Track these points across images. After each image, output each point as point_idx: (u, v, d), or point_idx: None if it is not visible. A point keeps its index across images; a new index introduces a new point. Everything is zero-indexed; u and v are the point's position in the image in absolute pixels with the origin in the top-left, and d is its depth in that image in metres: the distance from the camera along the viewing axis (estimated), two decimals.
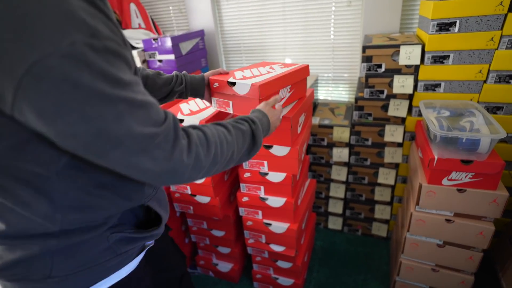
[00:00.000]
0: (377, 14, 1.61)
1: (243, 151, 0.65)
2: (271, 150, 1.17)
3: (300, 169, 1.31)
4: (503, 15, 1.09)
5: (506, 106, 1.23)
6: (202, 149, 0.53)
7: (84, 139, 0.41)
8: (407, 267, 1.32)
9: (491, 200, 1.07)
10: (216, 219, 1.42)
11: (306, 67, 1.14)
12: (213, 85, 1.01)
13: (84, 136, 0.41)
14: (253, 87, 0.92)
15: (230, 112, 1.05)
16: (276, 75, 1.01)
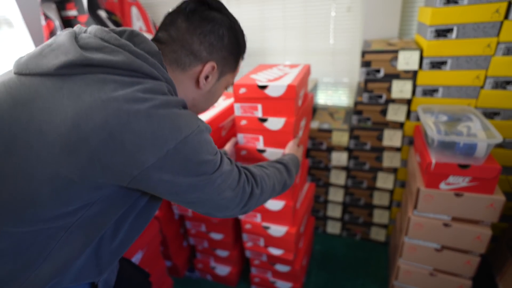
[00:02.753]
0: (377, 20, 1.63)
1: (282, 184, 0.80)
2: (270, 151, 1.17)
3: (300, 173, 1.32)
4: (499, 22, 1.11)
5: (503, 112, 1.24)
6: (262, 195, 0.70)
7: None
8: (405, 271, 1.32)
9: (488, 204, 1.08)
10: (215, 222, 1.42)
11: (309, 67, 1.19)
12: (239, 91, 1.06)
13: None
14: (289, 88, 0.99)
15: (259, 115, 1.06)
16: (295, 75, 1.08)
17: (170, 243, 1.55)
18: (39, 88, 0.47)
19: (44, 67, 0.48)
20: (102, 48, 0.50)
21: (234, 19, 0.66)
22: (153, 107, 0.48)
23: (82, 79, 0.47)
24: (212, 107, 1.18)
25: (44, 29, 1.89)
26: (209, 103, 0.72)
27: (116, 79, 0.48)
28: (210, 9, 0.62)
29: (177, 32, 0.60)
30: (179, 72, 0.61)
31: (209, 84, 0.65)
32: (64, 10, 1.86)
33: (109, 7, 1.79)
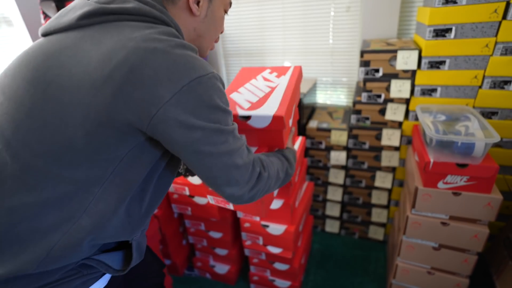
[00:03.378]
0: (375, 20, 1.63)
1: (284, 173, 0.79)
2: None
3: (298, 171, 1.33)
4: (498, 22, 1.12)
5: (500, 111, 1.25)
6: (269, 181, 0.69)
7: None
8: (403, 270, 1.33)
9: (486, 203, 1.08)
10: (214, 220, 1.43)
11: (300, 70, 1.02)
12: None
13: None
14: (275, 118, 0.81)
15: None
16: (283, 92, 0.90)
17: (169, 241, 1.55)
18: (64, 40, 0.54)
19: (65, 23, 0.54)
20: (114, 0, 0.56)
21: None
22: (170, 46, 0.51)
23: (100, 27, 0.53)
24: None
25: None
26: (212, 29, 0.70)
27: (131, 24, 0.53)
28: None
29: None
30: (171, 7, 0.61)
31: (203, 9, 0.64)
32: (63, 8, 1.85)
33: None
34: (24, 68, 0.54)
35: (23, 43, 2.06)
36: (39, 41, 0.58)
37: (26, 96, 0.52)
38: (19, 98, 0.52)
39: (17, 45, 2.05)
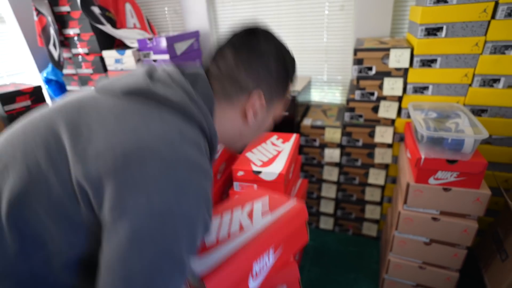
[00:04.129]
0: (369, 19, 1.65)
1: None
2: None
3: (293, 168, 1.34)
4: (487, 21, 1.14)
5: (490, 109, 1.28)
6: None
7: None
8: (395, 265, 1.36)
9: (475, 198, 1.11)
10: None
11: (298, 139, 1.45)
12: (237, 174, 1.26)
13: None
14: (280, 176, 1.19)
15: None
16: (287, 156, 1.29)
17: None
18: (103, 103, 0.52)
19: (114, 88, 0.54)
20: (168, 85, 0.54)
21: (282, 47, 0.65)
22: (178, 160, 0.47)
23: (138, 103, 0.51)
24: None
25: (36, 24, 1.87)
26: (257, 133, 0.70)
27: (163, 112, 0.51)
28: (257, 39, 0.62)
29: (225, 66, 0.61)
30: (226, 106, 0.62)
31: (257, 119, 0.65)
32: (57, 6, 1.84)
33: (102, 4, 1.78)
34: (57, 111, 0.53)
35: (16, 40, 2.04)
36: (88, 92, 0.57)
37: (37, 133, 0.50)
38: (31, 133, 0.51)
39: (9, 42, 2.03)
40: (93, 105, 0.52)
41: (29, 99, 1.71)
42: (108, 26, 1.77)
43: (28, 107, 1.71)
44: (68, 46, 1.96)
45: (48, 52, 1.88)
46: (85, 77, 2.00)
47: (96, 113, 0.50)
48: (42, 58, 2.11)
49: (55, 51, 1.88)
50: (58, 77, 2.14)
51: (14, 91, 1.65)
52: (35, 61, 2.10)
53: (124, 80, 0.55)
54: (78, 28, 1.84)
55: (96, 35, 1.82)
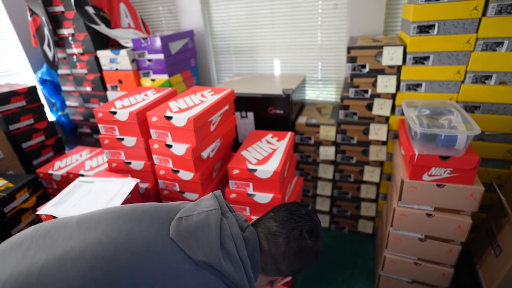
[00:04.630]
0: (362, 17, 1.66)
1: None
2: None
3: (288, 166, 1.35)
4: (478, 19, 1.15)
5: (482, 105, 1.29)
6: None
7: None
8: (391, 262, 1.36)
9: (468, 194, 1.12)
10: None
11: (293, 137, 1.45)
12: (233, 172, 1.26)
13: None
14: (275, 174, 1.20)
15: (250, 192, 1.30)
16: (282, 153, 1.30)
17: None
18: (180, 266, 0.59)
19: (191, 252, 0.60)
20: (233, 259, 0.63)
21: (322, 243, 0.76)
22: None
23: (209, 278, 0.60)
24: (200, 102, 1.23)
25: (30, 24, 1.86)
26: None
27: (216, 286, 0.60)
28: (309, 237, 0.71)
29: (275, 250, 0.70)
30: (262, 274, 0.72)
31: (278, 284, 0.76)
32: (50, 6, 1.83)
33: (96, 3, 1.78)
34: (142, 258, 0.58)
35: (10, 41, 2.03)
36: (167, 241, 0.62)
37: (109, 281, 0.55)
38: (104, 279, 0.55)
39: (3, 43, 2.02)
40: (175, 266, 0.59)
41: (24, 99, 1.70)
42: (103, 26, 1.76)
43: (23, 108, 1.70)
44: (63, 46, 1.95)
45: (43, 52, 1.87)
46: (80, 77, 1.99)
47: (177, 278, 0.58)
48: (36, 59, 2.11)
49: (50, 51, 1.87)
50: (53, 77, 2.13)
51: (8, 92, 1.64)
52: (30, 62, 2.09)
53: (202, 244, 0.61)
54: (73, 28, 1.83)
55: (91, 35, 1.82)
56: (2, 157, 1.58)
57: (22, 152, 1.69)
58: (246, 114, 1.66)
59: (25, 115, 1.71)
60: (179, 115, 1.14)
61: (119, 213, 0.67)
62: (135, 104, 1.31)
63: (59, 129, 2.24)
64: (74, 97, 2.13)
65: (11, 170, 1.61)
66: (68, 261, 0.55)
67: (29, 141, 1.73)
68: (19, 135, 1.68)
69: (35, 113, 1.76)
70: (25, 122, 1.72)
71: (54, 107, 2.27)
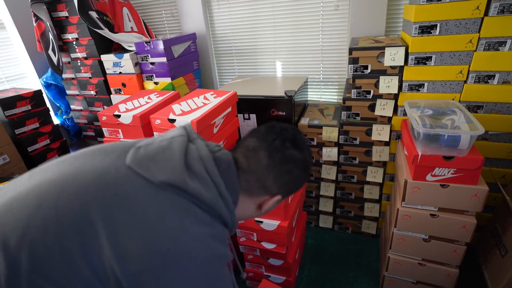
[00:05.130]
0: (363, 18, 1.66)
1: None
2: None
3: None
4: (480, 18, 1.15)
5: (485, 105, 1.28)
6: None
7: None
8: (395, 263, 1.36)
9: (472, 194, 1.11)
10: None
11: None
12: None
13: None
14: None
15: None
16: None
17: None
18: (139, 191, 0.53)
19: (151, 174, 0.54)
20: (202, 178, 0.57)
21: (310, 156, 0.70)
22: (211, 257, 0.53)
23: (173, 200, 0.54)
24: (203, 104, 1.24)
25: (35, 30, 1.89)
26: (258, 215, 0.76)
27: (197, 213, 0.55)
28: (293, 147, 0.65)
29: (256, 165, 0.64)
30: (246, 197, 0.66)
31: (267, 207, 0.70)
32: (55, 11, 1.86)
33: (100, 8, 1.80)
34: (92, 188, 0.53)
35: (15, 46, 2.06)
36: (122, 167, 0.56)
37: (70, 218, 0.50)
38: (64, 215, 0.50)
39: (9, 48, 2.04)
40: (130, 192, 0.53)
41: (29, 103, 1.73)
42: (106, 30, 1.78)
43: (29, 112, 1.72)
44: (67, 50, 1.97)
45: (47, 57, 1.90)
46: (84, 81, 2.01)
47: (134, 205, 0.52)
48: (41, 63, 2.13)
49: (54, 56, 1.89)
50: (58, 82, 2.15)
51: (14, 96, 1.66)
52: (35, 66, 2.11)
53: (162, 166, 0.56)
54: (76, 32, 1.85)
55: (94, 39, 1.84)
56: (8, 161, 1.60)
57: (27, 156, 1.71)
58: (248, 116, 1.66)
59: (30, 119, 1.74)
60: (183, 118, 1.15)
61: (74, 154, 0.61)
62: (139, 107, 1.32)
63: (64, 133, 2.26)
64: (78, 100, 2.15)
65: (17, 174, 1.64)
66: (13, 204, 0.52)
67: (35, 145, 1.75)
68: (25, 139, 1.71)
69: (40, 117, 1.78)
70: (30, 126, 1.74)
71: (59, 110, 2.30)
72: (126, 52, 1.81)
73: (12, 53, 2.06)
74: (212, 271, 0.54)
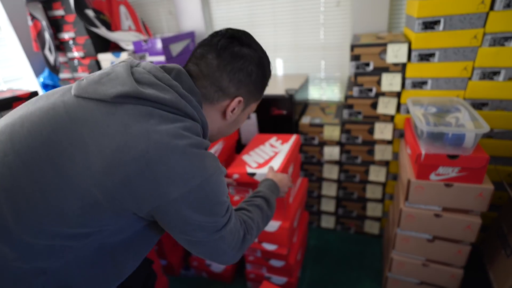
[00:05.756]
0: (365, 14, 1.63)
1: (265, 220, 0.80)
2: None
3: (292, 169, 1.33)
4: (485, 13, 1.12)
5: (491, 102, 1.25)
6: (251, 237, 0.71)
7: None
8: (399, 263, 1.34)
9: (477, 194, 1.09)
10: None
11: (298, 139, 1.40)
12: (232, 177, 1.22)
13: None
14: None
15: None
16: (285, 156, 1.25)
17: (164, 241, 1.54)
18: (94, 111, 0.52)
19: (101, 94, 0.53)
20: (155, 85, 0.56)
21: (262, 53, 0.68)
22: (189, 145, 0.53)
23: (133, 109, 0.52)
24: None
25: (31, 29, 1.86)
26: (232, 130, 0.75)
27: (162, 114, 0.54)
28: (240, 45, 0.63)
29: (207, 68, 0.62)
30: (207, 105, 0.65)
31: (234, 115, 0.69)
32: (50, 10, 1.83)
33: (97, 6, 1.77)
34: (46, 122, 0.52)
35: (11, 46, 2.03)
36: (69, 99, 0.55)
37: (35, 154, 0.50)
38: (27, 154, 0.50)
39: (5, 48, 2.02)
40: (87, 116, 0.52)
41: None
42: (103, 29, 1.76)
43: None
44: (64, 50, 1.95)
45: (44, 56, 1.87)
46: None
47: (95, 125, 0.51)
48: (38, 63, 2.10)
49: (51, 56, 1.87)
50: (55, 82, 2.13)
51: (11, 97, 1.64)
52: (32, 66, 2.09)
53: (110, 84, 0.54)
54: (73, 31, 1.83)
55: (91, 38, 1.81)
56: None
57: None
58: (249, 115, 1.64)
59: None
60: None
61: (14, 109, 0.61)
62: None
63: None
64: None
65: None
66: None
67: None
68: None
69: None
70: None
71: None
72: (123, 51, 1.79)
73: (9, 53, 2.04)
74: (198, 158, 0.54)
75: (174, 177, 0.51)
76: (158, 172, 0.50)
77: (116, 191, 0.49)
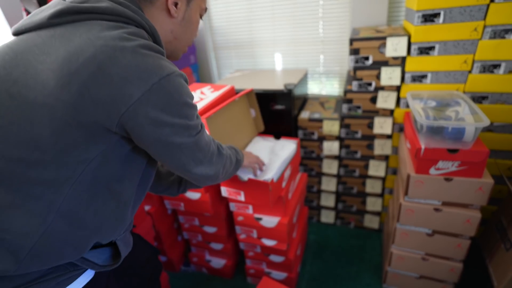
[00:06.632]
0: (365, 7, 1.61)
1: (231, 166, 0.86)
2: None
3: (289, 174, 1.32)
4: (486, 5, 1.10)
5: (491, 95, 1.24)
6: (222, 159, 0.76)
7: None
8: (398, 257, 1.34)
9: (477, 188, 1.09)
10: (208, 215, 1.42)
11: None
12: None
13: None
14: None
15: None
16: None
17: (164, 238, 1.54)
18: (34, 39, 0.53)
19: (37, 21, 0.54)
20: (88, 0, 0.55)
21: None
22: (138, 46, 0.52)
23: (71, 26, 0.52)
24: (200, 99, 1.20)
25: None
26: (188, 33, 0.71)
27: (102, 23, 0.53)
28: None
29: None
30: (147, 7, 0.62)
31: (180, 11, 0.65)
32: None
33: None
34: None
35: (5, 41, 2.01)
36: (10, 40, 0.57)
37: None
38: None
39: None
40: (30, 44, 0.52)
41: None
42: None
43: None
44: None
45: None
46: None
47: (38, 50, 0.51)
48: None
49: None
50: None
51: None
52: None
53: (44, 11, 0.54)
54: None
55: None
56: None
57: None
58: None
59: None
60: None
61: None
62: None
63: None
64: None
65: None
66: None
67: None
68: None
69: None
70: None
71: None
72: None
73: None
74: (151, 57, 0.52)
75: (130, 77, 0.49)
76: (112, 74, 0.49)
77: (76, 102, 0.49)
